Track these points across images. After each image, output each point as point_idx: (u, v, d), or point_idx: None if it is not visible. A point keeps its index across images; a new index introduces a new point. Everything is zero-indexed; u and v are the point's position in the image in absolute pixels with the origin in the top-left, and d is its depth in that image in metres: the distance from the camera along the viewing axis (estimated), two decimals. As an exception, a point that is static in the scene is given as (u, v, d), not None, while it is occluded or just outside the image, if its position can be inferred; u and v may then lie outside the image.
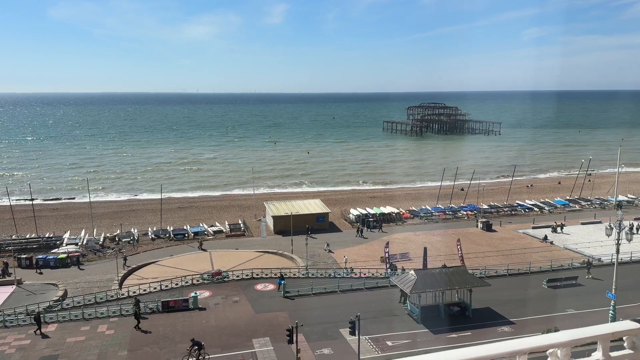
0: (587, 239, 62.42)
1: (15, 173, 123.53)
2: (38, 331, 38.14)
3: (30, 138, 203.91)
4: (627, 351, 4.65)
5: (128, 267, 54.76)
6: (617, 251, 36.69)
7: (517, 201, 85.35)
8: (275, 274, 50.13)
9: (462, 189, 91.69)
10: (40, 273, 54.39)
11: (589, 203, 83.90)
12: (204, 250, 61.61)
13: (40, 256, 57.68)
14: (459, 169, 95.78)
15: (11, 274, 52.56)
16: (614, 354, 4.61)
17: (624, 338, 4.68)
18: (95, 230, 70.31)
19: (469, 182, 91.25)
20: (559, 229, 66.82)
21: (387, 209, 77.40)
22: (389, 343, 36.02)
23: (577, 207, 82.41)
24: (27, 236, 67.43)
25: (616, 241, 36.07)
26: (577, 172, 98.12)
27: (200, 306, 42.74)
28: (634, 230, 37.43)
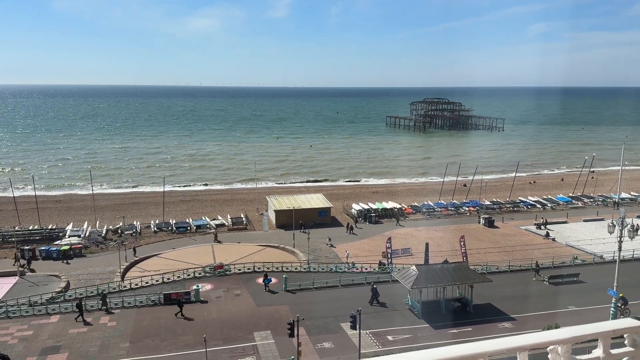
0: (590, 236, 62.34)
1: (18, 165, 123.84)
2: (80, 318, 38.84)
3: (33, 130, 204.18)
4: (628, 349, 4.64)
5: (136, 257, 55.64)
6: (619, 249, 36.62)
7: (519, 197, 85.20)
8: (277, 268, 50.27)
9: (465, 185, 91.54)
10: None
11: (591, 200, 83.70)
12: (220, 242, 61.91)
13: (43, 248, 57.93)
14: (461, 164, 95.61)
15: (24, 266, 52.92)
16: (614, 351, 4.60)
17: (625, 336, 4.67)
18: (97, 222, 70.53)
19: (471, 178, 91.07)
20: (542, 226, 66.90)
21: (390, 204, 77.38)
22: (390, 337, 36.12)
23: (579, 204, 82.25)
24: (30, 228, 67.72)
25: (618, 239, 35.99)
26: (581, 169, 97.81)
27: (202, 299, 42.88)
28: (635, 230, 37.26)
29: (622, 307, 38.20)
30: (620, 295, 38.47)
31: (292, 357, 31.29)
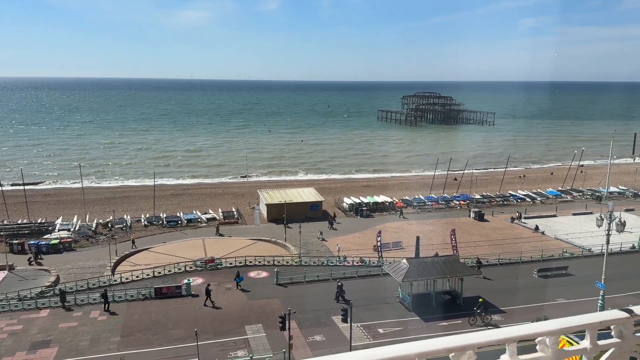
0: (578, 230, 62.96)
1: (6, 158, 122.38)
2: (106, 307, 39.38)
3: (21, 123, 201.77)
4: (614, 340, 4.71)
5: (135, 247, 56.22)
6: (607, 242, 37.04)
7: (509, 191, 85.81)
8: (269, 262, 50.31)
9: (455, 179, 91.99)
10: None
11: (580, 194, 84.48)
12: (221, 235, 61.80)
13: (33, 242, 57.45)
14: (452, 158, 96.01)
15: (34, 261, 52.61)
16: (601, 342, 4.67)
17: (612, 327, 4.74)
18: (87, 216, 70.04)
19: (462, 171, 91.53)
20: (517, 220, 67.70)
21: (381, 198, 77.58)
22: (381, 330, 36.36)
23: (568, 197, 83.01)
24: (19, 222, 67.10)
25: (606, 232, 36.39)
26: (570, 163, 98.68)
27: (193, 293, 42.81)
28: (622, 224, 37.67)
29: (482, 314, 36.52)
30: (480, 300, 37.13)
31: (284, 350, 31.39)
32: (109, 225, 65.21)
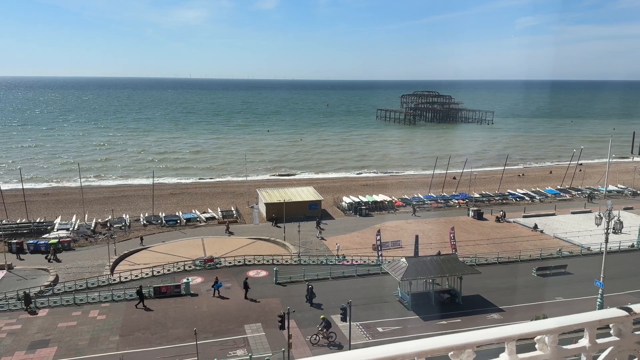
0: (577, 228, 63.04)
1: (4, 158, 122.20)
2: (140, 304, 39.64)
3: (19, 123, 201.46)
4: (613, 338, 4.72)
5: (143, 245, 56.83)
6: (606, 240, 37.09)
7: (508, 190, 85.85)
8: (268, 261, 50.32)
9: (454, 178, 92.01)
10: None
11: (579, 193, 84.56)
12: (232, 233, 61.85)
13: (31, 241, 57.41)
14: (451, 157, 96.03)
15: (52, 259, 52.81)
16: (600, 340, 4.67)
17: (611, 325, 4.75)
18: (86, 215, 69.98)
19: (461, 170, 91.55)
20: (501, 218, 67.97)
21: (380, 197, 77.60)
22: (380, 329, 36.37)
23: (567, 196, 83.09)
24: (18, 221, 67.04)
25: (605, 231, 36.45)
26: (569, 162, 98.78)
27: (192, 292, 42.82)
28: (621, 223, 37.72)
29: (325, 331, 34.31)
30: (322, 317, 35.05)
31: (283, 349, 31.40)
32: (108, 225, 65.17)
